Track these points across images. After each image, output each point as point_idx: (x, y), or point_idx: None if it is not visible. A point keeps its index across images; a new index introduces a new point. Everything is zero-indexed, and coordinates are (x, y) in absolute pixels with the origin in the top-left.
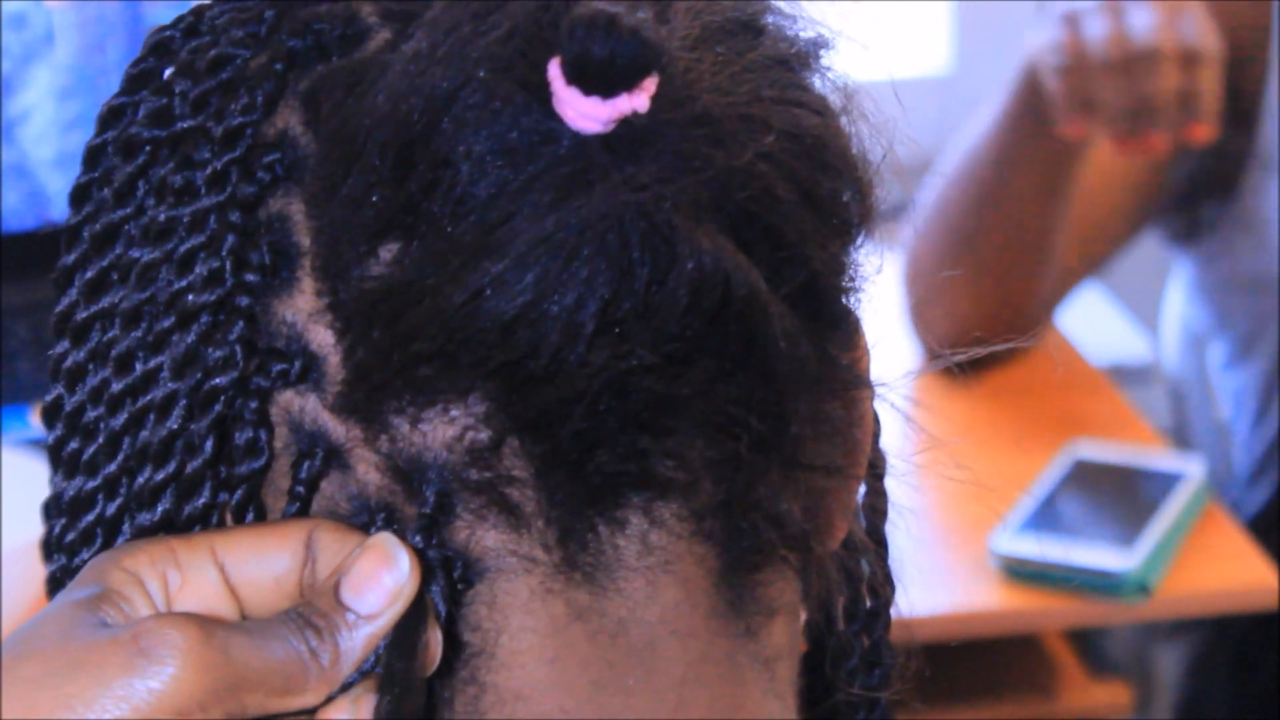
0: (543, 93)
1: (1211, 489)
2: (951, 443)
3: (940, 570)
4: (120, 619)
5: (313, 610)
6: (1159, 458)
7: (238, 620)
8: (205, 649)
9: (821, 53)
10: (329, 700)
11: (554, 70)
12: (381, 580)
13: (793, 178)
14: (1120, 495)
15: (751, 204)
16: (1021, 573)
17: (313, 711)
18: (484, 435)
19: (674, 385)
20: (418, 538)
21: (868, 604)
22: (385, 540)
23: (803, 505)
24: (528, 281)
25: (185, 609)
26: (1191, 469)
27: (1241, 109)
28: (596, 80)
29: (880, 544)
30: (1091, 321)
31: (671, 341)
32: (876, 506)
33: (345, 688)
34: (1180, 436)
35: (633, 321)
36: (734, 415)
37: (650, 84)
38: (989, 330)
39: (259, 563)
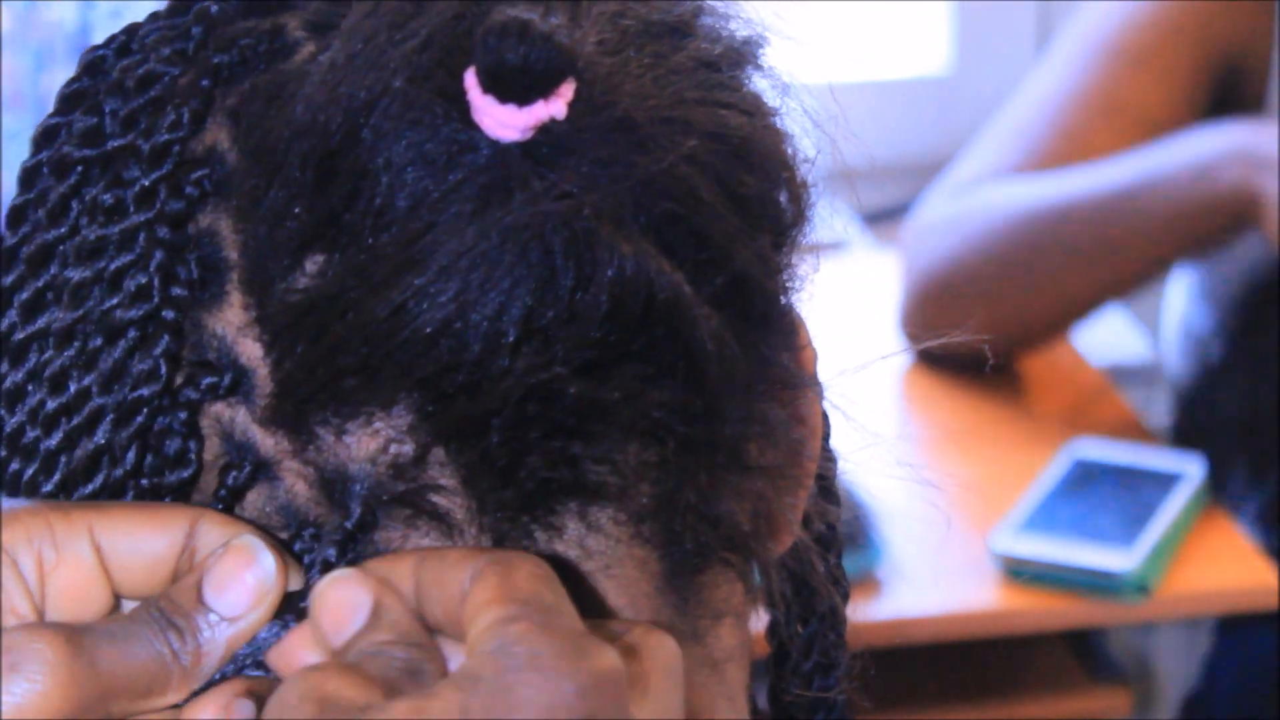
0: (460, 101)
1: (1211, 489)
2: (952, 442)
3: (940, 570)
4: None
5: (174, 608)
6: (1159, 458)
7: (104, 609)
8: (74, 663)
9: (756, 51)
10: (193, 696)
11: (470, 79)
12: (243, 580)
13: (717, 179)
14: (1120, 495)
15: (674, 207)
16: (1021, 573)
17: (178, 707)
18: (408, 447)
19: (601, 390)
20: (331, 551)
21: (819, 606)
22: (249, 541)
23: (744, 507)
24: (450, 293)
25: (57, 587)
26: (1191, 469)
27: (1245, 110)
28: (511, 88)
29: (830, 546)
30: (1091, 321)
31: (595, 348)
32: (827, 507)
33: (210, 684)
34: (1180, 436)
35: (556, 329)
36: (664, 419)
37: (567, 90)
38: (1000, 342)
39: (134, 544)
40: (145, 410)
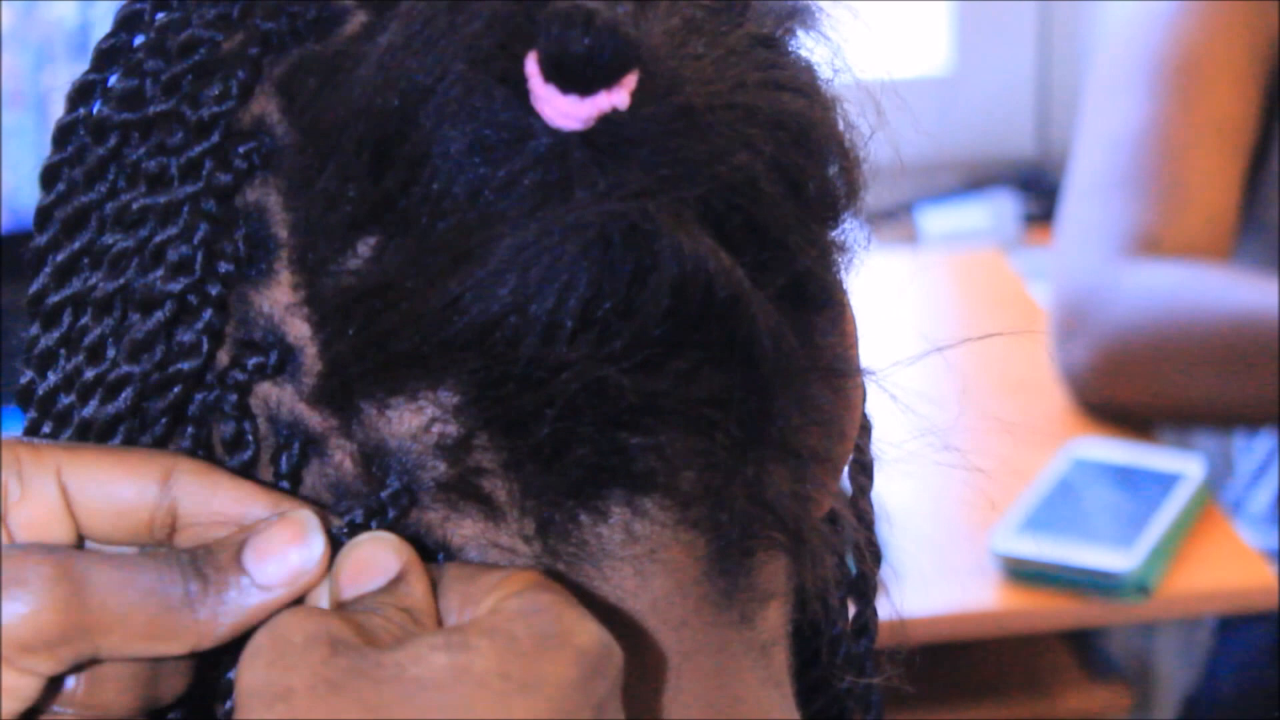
0: (520, 87)
1: (1211, 489)
2: (951, 441)
3: (940, 570)
4: None
5: (208, 559)
6: (1159, 458)
7: (75, 545)
8: (56, 586)
9: (808, 20)
10: (207, 658)
11: (531, 67)
12: (288, 555)
13: (778, 168)
14: (1120, 495)
15: (736, 199)
16: (1022, 573)
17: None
18: (452, 429)
19: (654, 382)
20: (359, 513)
21: (853, 574)
22: (304, 517)
23: (795, 490)
24: (508, 287)
25: (18, 521)
26: (1191, 469)
27: (1265, 107)
28: (574, 78)
29: (863, 517)
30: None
31: (653, 344)
32: (861, 480)
33: (228, 652)
34: (1180, 436)
35: (612, 320)
36: (715, 408)
37: (630, 80)
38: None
39: (103, 488)
40: (182, 384)
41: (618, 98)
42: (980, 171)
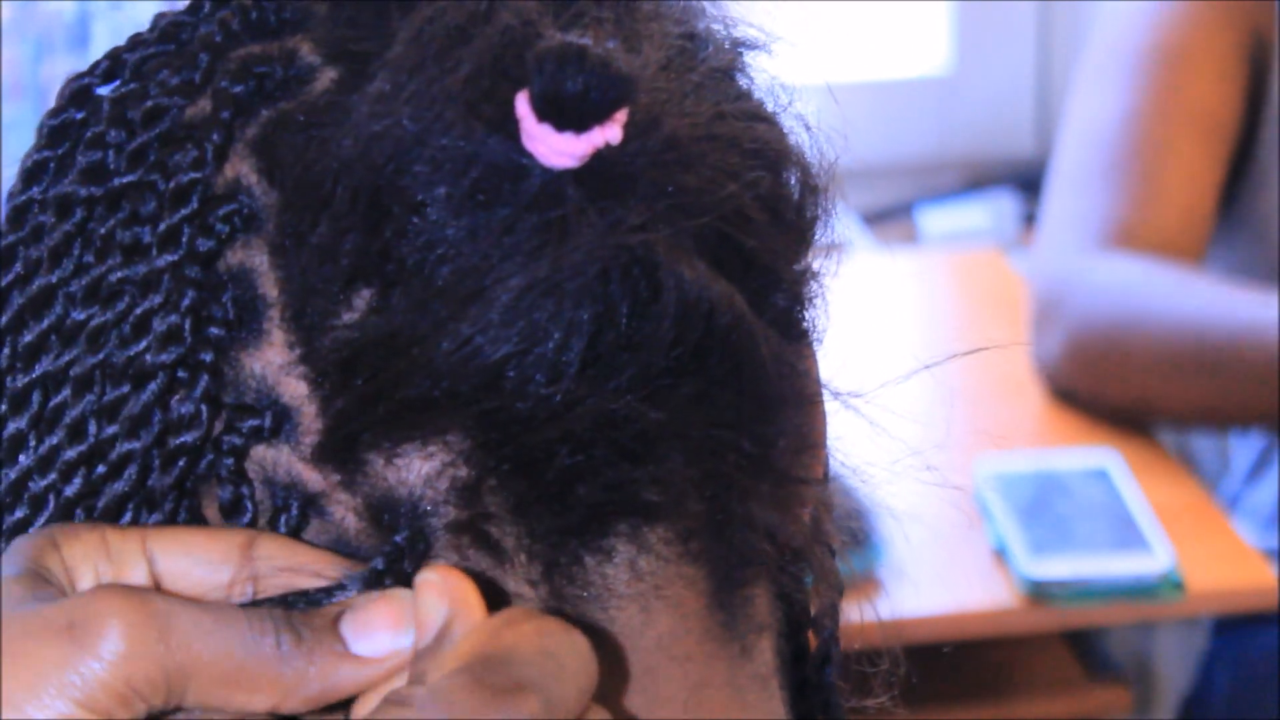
0: (510, 129)
1: (1211, 487)
2: (948, 444)
3: (941, 570)
4: (54, 595)
5: (303, 620)
6: (1074, 457)
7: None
8: (144, 628)
9: (754, 52)
10: None
11: (523, 107)
12: (386, 633)
13: (760, 196)
14: (1078, 501)
15: (727, 228)
16: (1059, 595)
17: None
18: (464, 473)
19: (660, 414)
20: (379, 560)
21: (816, 605)
22: (406, 599)
23: (793, 515)
24: (517, 326)
25: None
26: (1109, 460)
27: (1251, 102)
28: (570, 116)
29: (825, 544)
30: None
31: (659, 374)
32: (822, 514)
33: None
34: (1181, 436)
35: (618, 354)
36: (719, 436)
37: (622, 115)
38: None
39: (190, 562)
40: (187, 457)
41: (611, 133)
42: (980, 171)
